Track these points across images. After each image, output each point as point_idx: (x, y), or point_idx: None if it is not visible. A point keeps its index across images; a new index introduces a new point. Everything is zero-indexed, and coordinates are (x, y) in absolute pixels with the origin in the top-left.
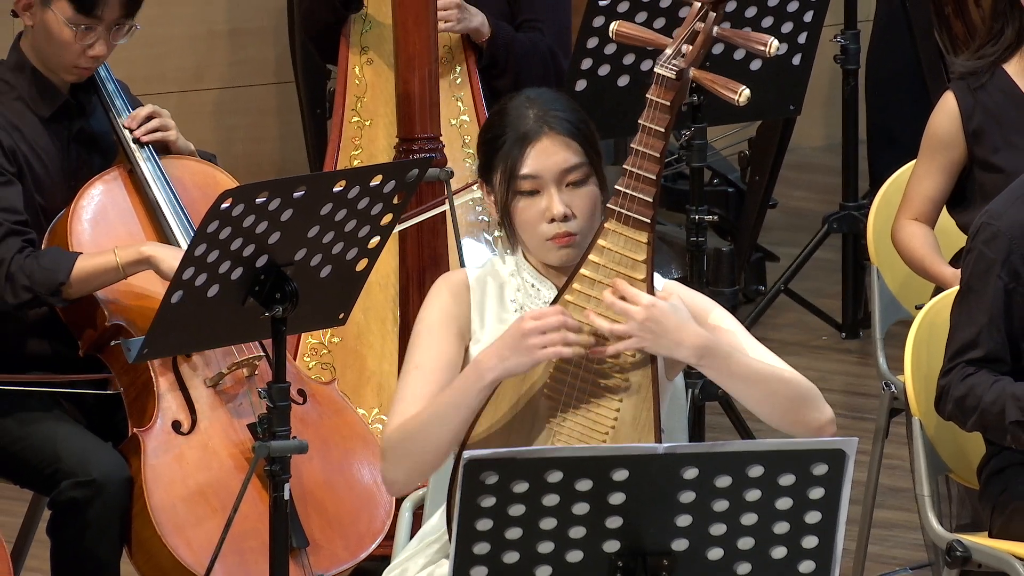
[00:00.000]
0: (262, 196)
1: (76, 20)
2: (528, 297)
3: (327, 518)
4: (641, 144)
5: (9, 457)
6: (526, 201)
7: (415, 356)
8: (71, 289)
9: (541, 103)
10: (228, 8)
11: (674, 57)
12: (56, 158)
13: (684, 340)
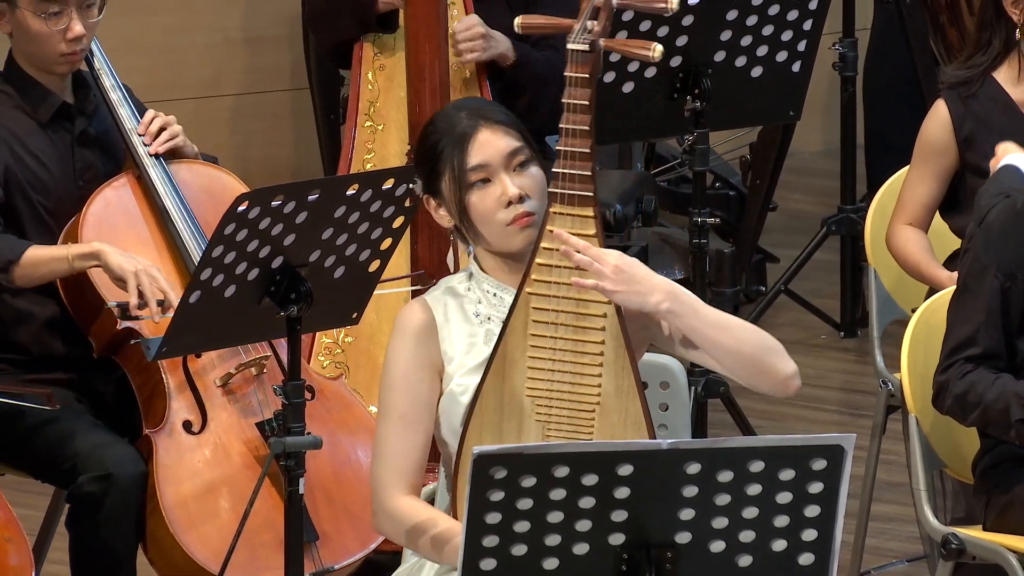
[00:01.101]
0: (278, 199)
1: (41, 9)
2: (491, 307)
3: (336, 510)
4: (569, 122)
5: (29, 452)
6: (479, 192)
7: (397, 404)
8: (19, 271)
9: (469, 106)
10: (244, 16)
11: (582, 32)
12: (59, 161)
13: (655, 287)
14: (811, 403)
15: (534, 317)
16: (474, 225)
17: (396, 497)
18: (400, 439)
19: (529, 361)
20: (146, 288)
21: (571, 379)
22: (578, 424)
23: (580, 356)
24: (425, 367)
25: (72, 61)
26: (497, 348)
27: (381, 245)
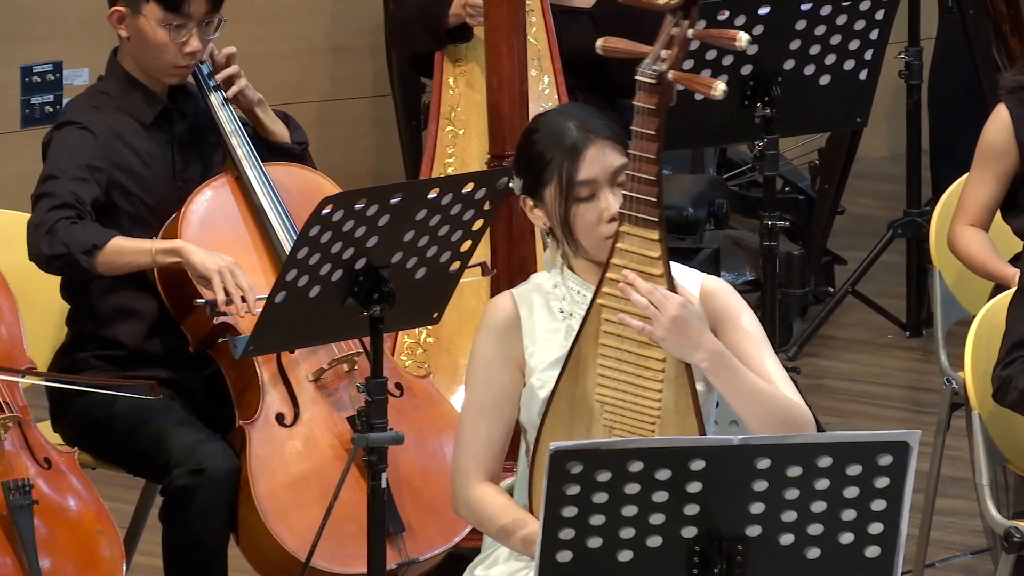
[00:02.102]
0: (361, 202)
1: (167, 19)
2: (575, 304)
3: (422, 504)
4: (637, 148)
5: (124, 448)
6: (584, 206)
7: (478, 396)
8: (102, 257)
9: (576, 115)
10: (328, 26)
11: (653, 63)
12: (161, 161)
13: (702, 345)
14: (877, 400)
15: (604, 328)
16: (574, 234)
17: (474, 485)
18: (480, 429)
19: (599, 368)
20: (229, 285)
21: (635, 390)
22: (640, 433)
23: (643, 370)
24: (507, 360)
25: (182, 74)
26: (571, 352)
27: (461, 247)
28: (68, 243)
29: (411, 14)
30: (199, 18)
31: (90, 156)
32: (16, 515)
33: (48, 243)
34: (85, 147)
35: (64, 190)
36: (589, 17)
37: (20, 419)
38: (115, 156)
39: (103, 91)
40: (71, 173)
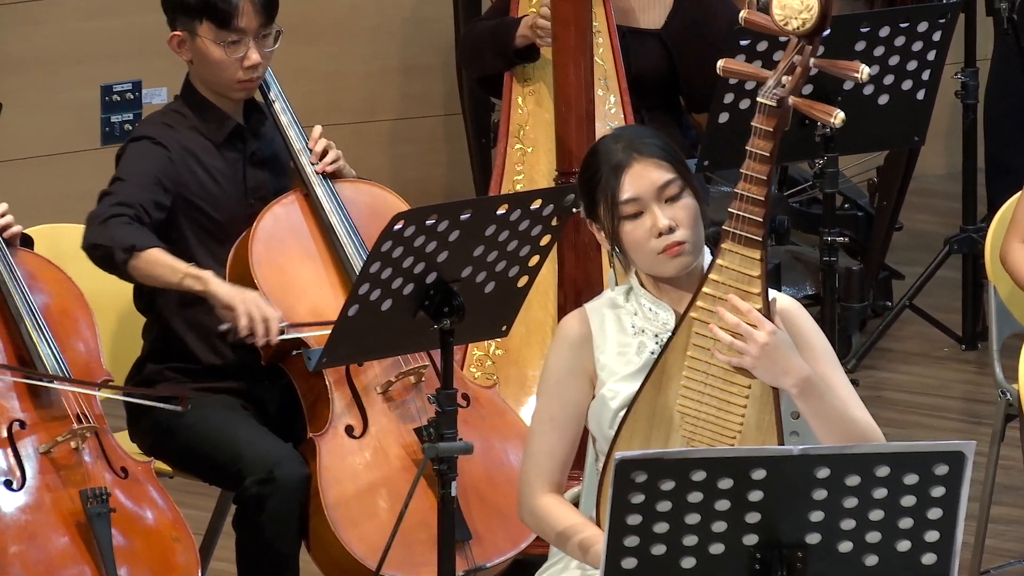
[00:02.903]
0: (432, 218)
1: (222, 37)
2: (646, 321)
3: (489, 512)
4: (749, 169)
5: (198, 457)
6: (632, 224)
7: (547, 407)
8: (137, 260)
9: (626, 136)
10: (400, 46)
11: (775, 87)
12: (232, 179)
13: (791, 371)
14: (934, 412)
15: (694, 341)
16: (625, 252)
17: (539, 495)
18: (547, 440)
19: (684, 380)
20: (254, 315)
21: (718, 405)
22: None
23: (730, 385)
24: (578, 374)
25: (248, 88)
26: (658, 361)
27: (529, 262)
28: (113, 237)
29: (481, 36)
30: (253, 31)
31: (159, 170)
32: (94, 523)
33: (96, 233)
34: (155, 161)
35: (128, 192)
36: (656, 38)
37: (97, 429)
38: (186, 173)
39: (176, 110)
40: (137, 180)
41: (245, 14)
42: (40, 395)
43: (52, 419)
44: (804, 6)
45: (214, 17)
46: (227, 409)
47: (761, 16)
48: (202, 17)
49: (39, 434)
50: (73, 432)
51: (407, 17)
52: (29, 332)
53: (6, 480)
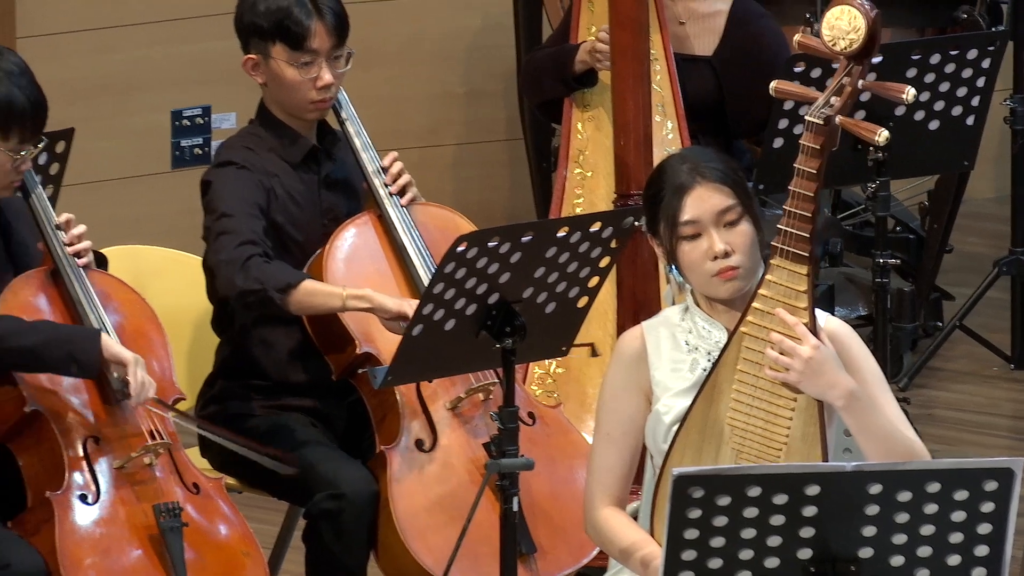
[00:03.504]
0: (494, 240)
1: (294, 58)
2: (700, 339)
3: (553, 527)
4: (797, 186)
5: (270, 474)
6: (690, 245)
7: (604, 424)
8: (296, 295)
9: (692, 158)
10: (463, 72)
11: (823, 106)
12: (308, 200)
13: (837, 384)
14: (983, 429)
15: (744, 355)
16: (682, 270)
17: (599, 508)
18: (606, 455)
19: (734, 394)
20: None
21: (766, 417)
22: (765, 460)
23: (777, 398)
24: (634, 390)
25: (321, 108)
26: (709, 376)
27: (589, 283)
28: (263, 280)
29: (542, 63)
30: (325, 52)
31: (253, 194)
32: (167, 537)
33: (243, 278)
34: (248, 186)
35: (243, 227)
36: (708, 64)
37: (170, 446)
38: (270, 194)
39: (254, 133)
40: (243, 211)
41: (317, 35)
42: (115, 412)
43: (127, 435)
44: (852, 27)
45: (287, 39)
46: (297, 426)
47: (813, 39)
48: (275, 39)
49: (114, 450)
50: (147, 448)
51: (470, 44)
52: None
53: (82, 495)
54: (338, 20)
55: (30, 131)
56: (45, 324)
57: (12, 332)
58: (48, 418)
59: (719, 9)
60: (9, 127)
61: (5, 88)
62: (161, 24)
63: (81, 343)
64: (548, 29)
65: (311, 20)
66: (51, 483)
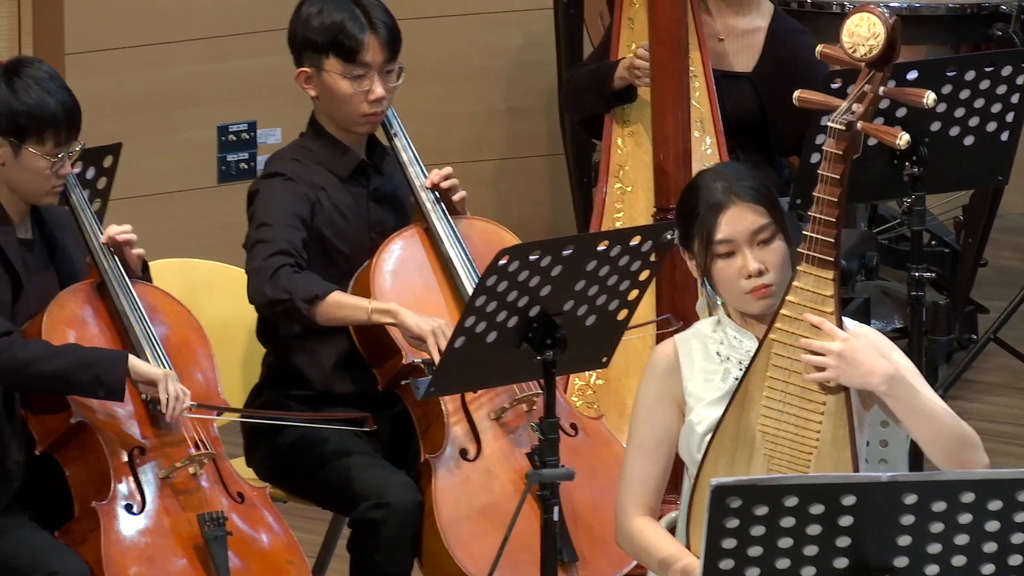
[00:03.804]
0: (535, 254)
1: (348, 71)
2: (731, 348)
3: (594, 537)
4: (821, 192)
5: (314, 483)
6: (724, 262)
7: (637, 434)
8: (322, 307)
9: (727, 176)
10: (505, 89)
11: (845, 112)
12: (356, 213)
13: (876, 370)
14: (1017, 441)
15: (773, 362)
16: (715, 286)
17: (632, 518)
18: (639, 466)
19: (764, 400)
20: (443, 344)
21: (796, 422)
22: (797, 464)
23: (806, 403)
24: (667, 402)
25: (372, 121)
26: (740, 384)
27: (629, 296)
28: (291, 290)
29: (582, 80)
30: (378, 66)
31: (297, 206)
32: (211, 546)
33: (271, 288)
34: (292, 197)
35: (280, 237)
36: (748, 80)
37: (214, 455)
38: (317, 207)
39: (304, 146)
40: (283, 221)
41: (371, 49)
42: (160, 422)
43: (171, 445)
44: (871, 33)
45: (340, 52)
46: (342, 436)
47: (834, 48)
48: (329, 52)
49: (159, 460)
50: (191, 458)
51: (512, 61)
52: (149, 362)
53: (127, 504)
54: (391, 35)
55: (64, 134)
56: (72, 348)
57: (40, 357)
58: (94, 429)
59: (758, 26)
60: (43, 131)
61: (36, 94)
62: (208, 41)
63: (107, 366)
64: (588, 46)
65: (365, 34)
66: (97, 493)
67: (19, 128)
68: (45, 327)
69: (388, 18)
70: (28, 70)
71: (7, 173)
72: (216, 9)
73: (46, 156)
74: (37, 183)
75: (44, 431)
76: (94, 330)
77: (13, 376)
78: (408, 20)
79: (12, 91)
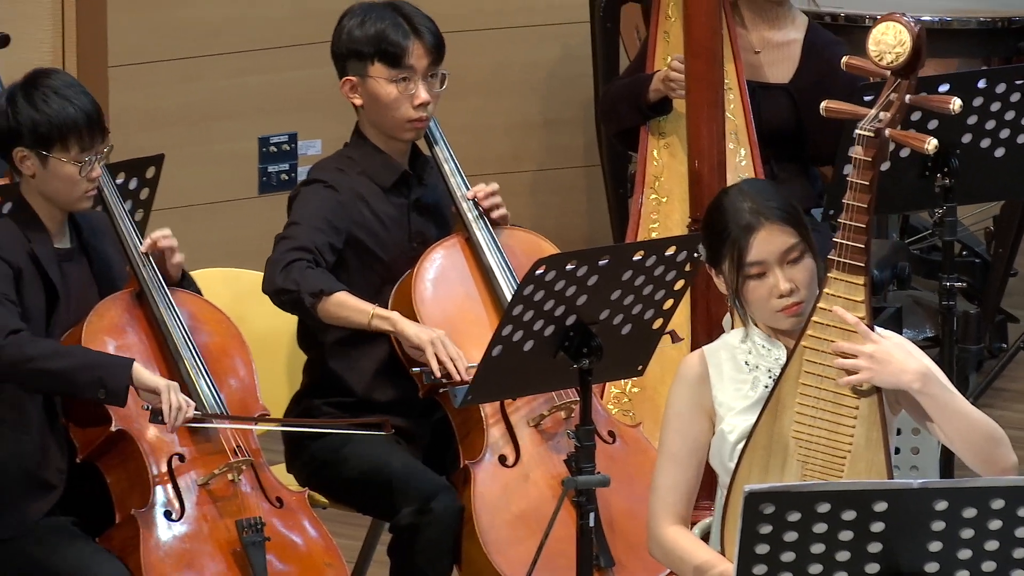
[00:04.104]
0: (572, 264)
1: (393, 75)
2: (760, 358)
3: (630, 543)
4: (851, 199)
5: (353, 488)
6: (755, 283)
7: (670, 444)
8: (326, 304)
9: (752, 195)
10: (542, 101)
11: (872, 120)
12: (397, 223)
13: (909, 368)
14: None
15: (805, 368)
16: (747, 307)
17: (664, 526)
18: (671, 475)
19: (797, 407)
20: (441, 354)
21: (829, 427)
22: (831, 468)
23: (839, 408)
24: (697, 412)
25: (417, 127)
26: (773, 392)
27: (664, 305)
28: (300, 282)
29: (618, 92)
30: (422, 71)
31: (331, 212)
32: (249, 551)
33: (282, 278)
34: (328, 204)
35: (304, 235)
36: (785, 91)
37: (253, 462)
38: (356, 215)
39: (347, 156)
40: (312, 223)
41: (415, 53)
42: (198, 431)
43: (210, 453)
44: (897, 41)
45: (385, 57)
46: (382, 443)
47: (860, 58)
48: (374, 58)
49: (198, 467)
50: (230, 465)
51: (549, 74)
52: (188, 370)
53: (166, 511)
54: (435, 39)
55: (88, 138)
56: (79, 349)
57: (46, 355)
58: (134, 437)
59: (794, 38)
60: (66, 138)
61: (56, 103)
62: (249, 54)
63: (112, 370)
64: (624, 59)
65: (408, 39)
66: (137, 500)
67: (43, 138)
68: (85, 335)
69: (431, 24)
70: (46, 81)
71: (39, 184)
72: (257, 22)
73: (74, 162)
74: (69, 189)
75: (85, 439)
76: (133, 339)
77: (16, 370)
78: (449, 33)
79: (31, 103)
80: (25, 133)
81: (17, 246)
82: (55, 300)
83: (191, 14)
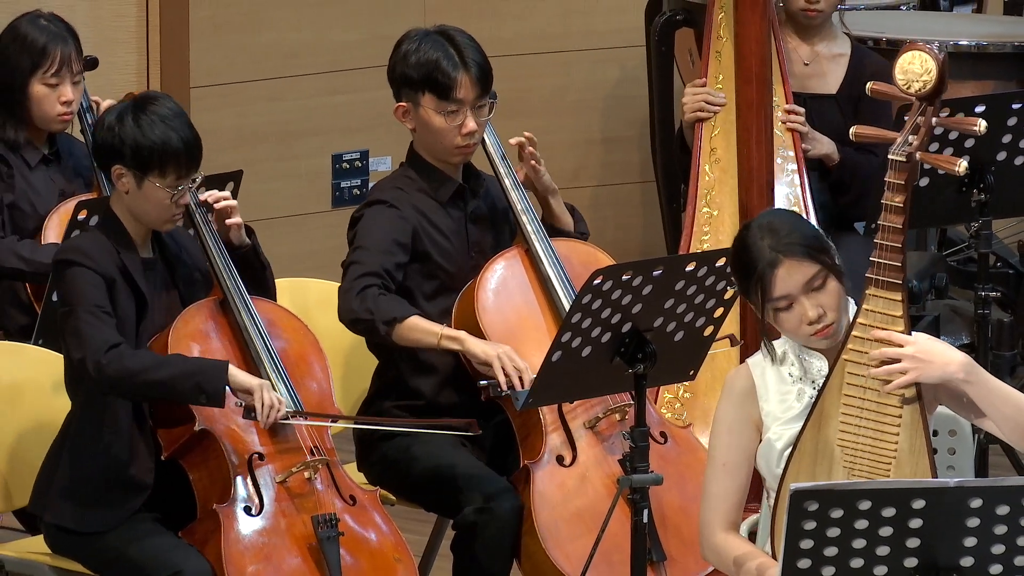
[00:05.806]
0: (627, 274)
1: (441, 107)
2: (803, 369)
3: (682, 538)
4: (886, 220)
5: (420, 487)
6: (784, 315)
7: (720, 453)
8: (399, 329)
9: (770, 231)
10: (601, 120)
11: (903, 145)
12: (456, 235)
13: (953, 360)
14: None
15: (848, 380)
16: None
17: (717, 533)
18: (722, 483)
19: (841, 417)
20: (508, 367)
21: (874, 435)
22: (876, 475)
23: (882, 416)
24: (745, 422)
25: (465, 153)
26: (816, 402)
27: (714, 313)
28: (374, 311)
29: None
30: (470, 102)
31: (396, 231)
32: (324, 546)
33: (358, 305)
34: (391, 222)
35: (373, 260)
36: (833, 101)
37: (328, 461)
38: (418, 230)
39: (405, 174)
40: (379, 247)
41: (463, 86)
42: (277, 430)
43: (288, 451)
44: (924, 69)
45: (435, 89)
46: (448, 444)
47: (885, 85)
48: (425, 89)
49: (275, 465)
50: (306, 464)
51: (608, 94)
52: (268, 374)
53: (246, 507)
54: (482, 72)
55: (185, 168)
56: (176, 358)
57: (148, 367)
58: (216, 436)
59: (842, 52)
60: (165, 165)
61: (161, 131)
62: (323, 75)
63: (209, 374)
64: (679, 81)
65: (458, 72)
66: (218, 496)
67: (143, 161)
68: (171, 341)
69: (480, 56)
70: (153, 106)
71: (130, 201)
72: (331, 46)
73: (167, 188)
74: (158, 212)
75: (169, 439)
76: (217, 344)
77: (124, 385)
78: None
79: (138, 126)
80: (127, 153)
81: (108, 258)
82: (143, 308)
83: (269, 39)
